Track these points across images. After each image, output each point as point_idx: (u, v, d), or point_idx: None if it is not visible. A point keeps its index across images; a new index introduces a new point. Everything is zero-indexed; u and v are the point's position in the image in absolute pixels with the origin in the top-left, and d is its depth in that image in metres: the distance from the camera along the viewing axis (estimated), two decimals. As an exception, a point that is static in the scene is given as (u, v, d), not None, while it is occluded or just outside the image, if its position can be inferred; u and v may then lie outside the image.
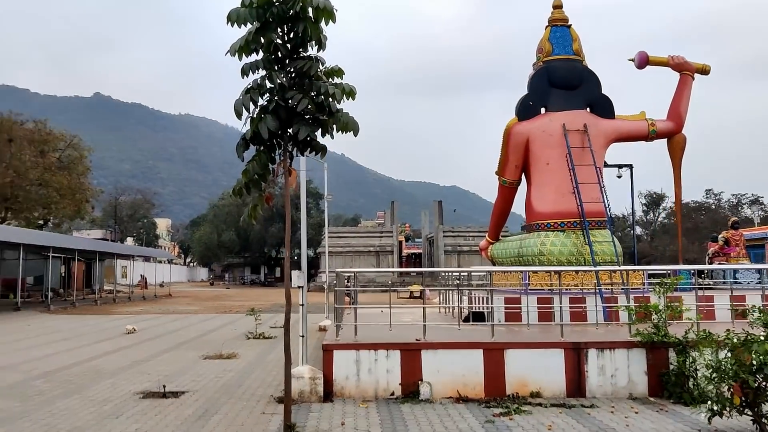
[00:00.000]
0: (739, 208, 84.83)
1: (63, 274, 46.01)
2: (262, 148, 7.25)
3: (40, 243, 34.69)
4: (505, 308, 12.62)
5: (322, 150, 7.35)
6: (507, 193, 15.18)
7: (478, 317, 13.04)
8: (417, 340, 9.85)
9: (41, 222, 47.67)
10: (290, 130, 7.20)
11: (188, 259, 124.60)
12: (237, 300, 45.28)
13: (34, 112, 49.23)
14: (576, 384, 9.66)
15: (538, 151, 14.21)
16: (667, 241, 77.26)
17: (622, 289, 12.96)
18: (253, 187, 7.15)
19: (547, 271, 13.10)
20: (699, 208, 79.09)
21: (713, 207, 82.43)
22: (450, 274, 19.12)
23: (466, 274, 16.24)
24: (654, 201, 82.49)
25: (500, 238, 16.50)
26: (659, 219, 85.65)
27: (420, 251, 75.54)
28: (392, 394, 9.55)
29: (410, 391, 9.52)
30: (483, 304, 13.81)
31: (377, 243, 62.03)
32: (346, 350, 9.68)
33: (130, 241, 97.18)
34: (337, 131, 7.27)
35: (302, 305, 9.74)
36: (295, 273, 9.79)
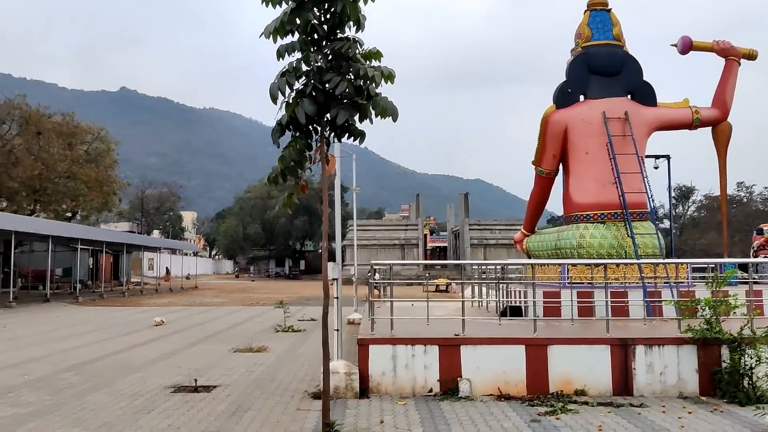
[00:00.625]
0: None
1: (91, 266, 46.32)
2: (298, 133, 6.90)
3: (69, 235, 34.87)
4: (544, 302, 12.20)
5: (360, 135, 6.98)
6: (544, 183, 14.72)
7: (515, 312, 12.64)
8: (456, 335, 9.47)
9: (69, 214, 48.01)
10: (328, 115, 6.85)
11: (214, 252, 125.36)
12: (263, 292, 45.23)
13: (62, 106, 49.48)
14: (623, 382, 9.22)
15: (576, 140, 13.74)
16: (696, 235, 75.97)
17: (666, 283, 12.46)
18: (290, 174, 6.81)
19: (587, 264, 12.66)
20: (730, 201, 77.49)
21: (744, 200, 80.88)
22: (485, 267, 18.73)
23: (499, 267, 15.83)
24: (683, 194, 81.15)
25: (536, 230, 16.03)
26: (688, 212, 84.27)
27: (445, 244, 75.07)
28: (430, 390, 9.20)
29: (449, 388, 9.15)
30: (520, 298, 13.42)
31: (402, 236, 61.68)
32: (382, 345, 9.33)
33: (156, 233, 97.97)
34: (376, 116, 6.90)
35: (337, 298, 9.41)
36: (330, 265, 9.46)
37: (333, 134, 7.04)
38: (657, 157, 16.32)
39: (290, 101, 6.79)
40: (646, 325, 10.33)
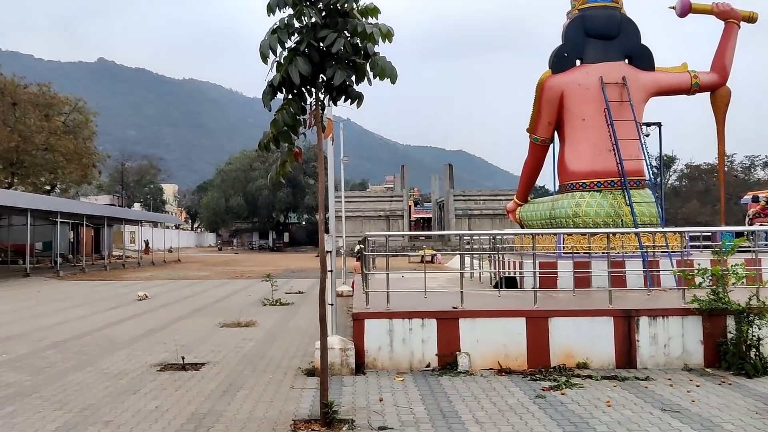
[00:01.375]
0: (752, 170, 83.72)
1: (72, 240, 45.55)
2: (291, 95, 6.42)
3: (48, 208, 34.12)
4: (540, 273, 11.89)
5: (358, 98, 6.51)
6: (538, 151, 14.35)
7: (510, 283, 12.34)
8: (454, 308, 9.14)
9: (48, 187, 47.03)
10: (323, 76, 6.37)
11: (196, 225, 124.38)
12: (247, 265, 44.79)
13: (39, 77, 48.11)
14: (626, 354, 8.95)
15: (573, 106, 13.35)
16: (678, 204, 76.29)
17: (664, 252, 12.20)
18: (283, 139, 6.35)
19: (584, 234, 12.36)
20: (711, 170, 77.93)
21: (725, 169, 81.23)
22: (473, 238, 18.42)
23: (491, 238, 15.54)
24: (665, 163, 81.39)
25: (529, 199, 15.68)
26: (669, 182, 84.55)
27: (429, 215, 74.89)
28: (428, 365, 8.87)
29: (447, 363, 8.84)
30: (514, 268, 13.12)
31: (387, 207, 61.30)
32: (378, 319, 8.97)
33: (137, 206, 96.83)
34: (375, 77, 6.43)
35: (330, 271, 9.00)
36: (325, 237, 9.04)
37: (328, 97, 6.57)
38: (648, 124, 15.98)
39: (282, 61, 6.31)
40: (649, 296, 10.02)
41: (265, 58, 6.18)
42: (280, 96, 6.53)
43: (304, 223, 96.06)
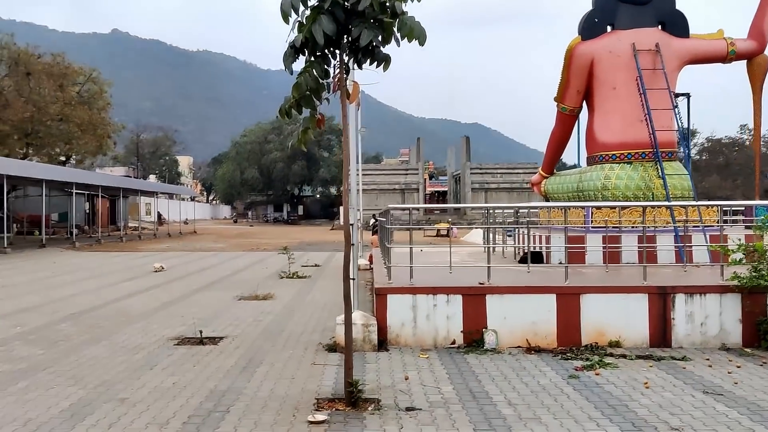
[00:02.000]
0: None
1: (87, 211, 45.57)
2: (314, 57, 6.02)
3: (63, 179, 34.02)
4: (569, 248, 11.50)
5: (385, 61, 6.08)
6: (567, 121, 13.84)
7: (536, 258, 11.95)
8: (481, 283, 8.77)
9: (63, 158, 46.94)
10: (347, 36, 5.95)
11: (211, 197, 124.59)
12: (262, 238, 44.64)
13: (53, 48, 47.65)
14: (661, 333, 8.57)
15: (603, 74, 12.82)
16: (698, 179, 75.18)
17: (696, 227, 11.74)
18: (305, 105, 5.95)
19: (614, 207, 11.92)
20: (732, 144, 76.67)
21: (747, 143, 79.99)
22: (491, 211, 17.99)
23: (512, 211, 15.12)
24: (684, 136, 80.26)
25: (555, 172, 15.20)
26: (690, 155, 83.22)
27: (444, 189, 74.30)
28: (453, 342, 8.55)
29: (473, 340, 8.51)
30: (539, 243, 12.72)
31: (402, 180, 60.83)
32: (401, 294, 8.64)
33: (152, 178, 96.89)
34: (402, 38, 6.00)
35: (353, 245, 8.63)
36: (351, 210, 8.68)
37: (353, 59, 6.15)
38: (677, 95, 15.40)
39: (305, 20, 5.89)
40: (684, 272, 9.60)
41: (286, 17, 5.78)
42: (301, 60, 6.15)
43: (318, 196, 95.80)
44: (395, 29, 5.93)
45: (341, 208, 64.35)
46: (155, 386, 6.67)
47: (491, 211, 17.68)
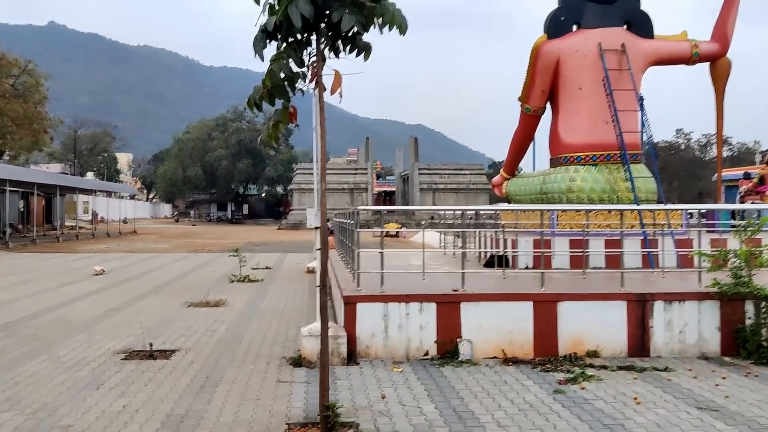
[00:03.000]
0: (708, 148, 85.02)
1: (22, 210, 43.45)
2: (287, 43, 5.42)
3: (-5, 176, 32.22)
4: (538, 253, 11.16)
5: (366, 50, 5.53)
6: (530, 122, 13.51)
7: (500, 262, 11.57)
8: (454, 290, 8.31)
9: (-5, 154, 44.73)
10: (325, 20, 5.38)
11: (151, 195, 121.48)
12: (207, 238, 43.46)
13: (-15, 39, 45.44)
14: (639, 342, 8.26)
15: (569, 73, 12.54)
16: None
17: (661, 231, 11.55)
18: (278, 95, 5.34)
19: (579, 211, 11.64)
20: (669, 147, 78.71)
21: (683, 147, 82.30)
22: (441, 213, 17.60)
23: (470, 213, 14.75)
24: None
25: (517, 173, 14.89)
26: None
27: (392, 189, 74.07)
28: (426, 354, 8.05)
29: (447, 351, 8.03)
30: (503, 247, 12.34)
31: (351, 180, 60.25)
32: (372, 303, 8.09)
33: (90, 175, 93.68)
34: (384, 25, 5.46)
35: (319, 249, 8.04)
36: (311, 211, 8.12)
37: (330, 46, 5.58)
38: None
39: (277, 2, 5.30)
40: (656, 278, 9.33)
41: (257, -3, 5.21)
42: (272, 48, 5.55)
43: (263, 195, 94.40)
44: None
45: (293, 208, 63.18)
46: (103, 410, 5.95)
47: (451, 212, 17.25)
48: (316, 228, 7.97)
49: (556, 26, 12.73)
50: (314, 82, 5.34)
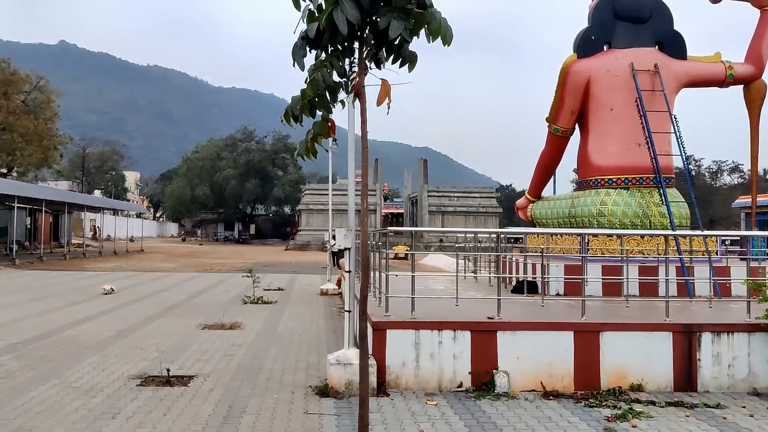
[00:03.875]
0: (719, 175, 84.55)
1: (29, 226, 43.16)
2: (329, 51, 5.04)
3: (4, 192, 31.91)
4: (567, 279, 10.72)
5: (412, 60, 5.14)
6: (558, 143, 13.10)
7: (531, 288, 11.12)
8: (489, 318, 7.85)
9: (5, 170, 44.52)
10: (369, 27, 5.01)
11: (158, 214, 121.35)
12: (215, 257, 43.05)
13: (-3, 58, 45.41)
14: (685, 375, 7.78)
15: (600, 94, 12.16)
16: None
17: (698, 258, 11.10)
18: (320, 106, 4.96)
19: (611, 236, 11.20)
20: (679, 175, 78.16)
21: (693, 173, 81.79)
22: (446, 235, 17.17)
23: (491, 236, 14.33)
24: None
25: (542, 196, 14.45)
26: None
27: (399, 211, 73.60)
28: (460, 385, 7.58)
29: (482, 382, 7.56)
30: (529, 272, 11.90)
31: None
32: (403, 330, 7.64)
33: (98, 193, 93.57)
34: (430, 34, 5.08)
35: (348, 272, 7.62)
36: (341, 231, 7.70)
37: (373, 55, 5.20)
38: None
39: (315, 8, 4.94)
40: (710, 309, 8.82)
41: (298, 2, 4.84)
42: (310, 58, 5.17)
43: (271, 215, 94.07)
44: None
45: (301, 228, 62.61)
46: (121, 443, 5.50)
47: (463, 236, 16.83)
48: (346, 249, 7.56)
49: (586, 45, 12.38)
50: (355, 93, 4.95)
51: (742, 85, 12.74)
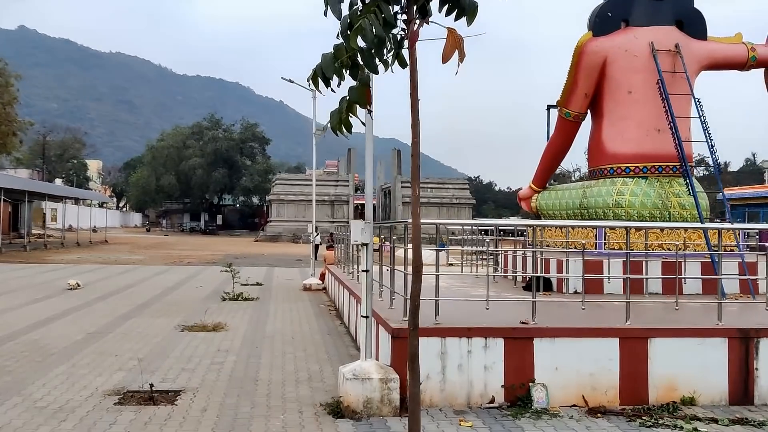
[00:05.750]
0: (700, 166, 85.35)
1: (-15, 216, 41.09)
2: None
3: (-41, 179, 30.10)
4: (586, 275, 9.80)
5: (472, 12, 4.08)
6: (569, 129, 12.17)
7: (545, 285, 10.21)
8: (524, 323, 6.88)
9: (-41, 157, 42.35)
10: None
11: (121, 204, 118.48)
12: (182, 249, 41.58)
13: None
14: (741, 387, 6.91)
15: (618, 75, 11.26)
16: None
17: (731, 252, 10.25)
18: (366, 62, 3.88)
19: (630, 229, 10.30)
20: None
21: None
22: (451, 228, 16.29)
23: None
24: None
25: (548, 186, 13.52)
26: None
27: (373, 202, 72.51)
28: (491, 401, 6.60)
29: (517, 397, 6.59)
30: (540, 268, 10.97)
31: (332, 192, 58.71)
32: (426, 337, 6.60)
33: (59, 182, 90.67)
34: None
35: (366, 271, 6.56)
36: (358, 224, 6.63)
37: (420, 8, 4.15)
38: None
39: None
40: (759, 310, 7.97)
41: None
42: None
43: (238, 206, 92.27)
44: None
45: (271, 219, 60.95)
46: (103, 488, 4.39)
47: (459, 228, 15.91)
48: (364, 245, 6.50)
49: (602, 22, 11.47)
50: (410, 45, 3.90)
51: (764, 69, 11.96)
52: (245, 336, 10.28)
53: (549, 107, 17.04)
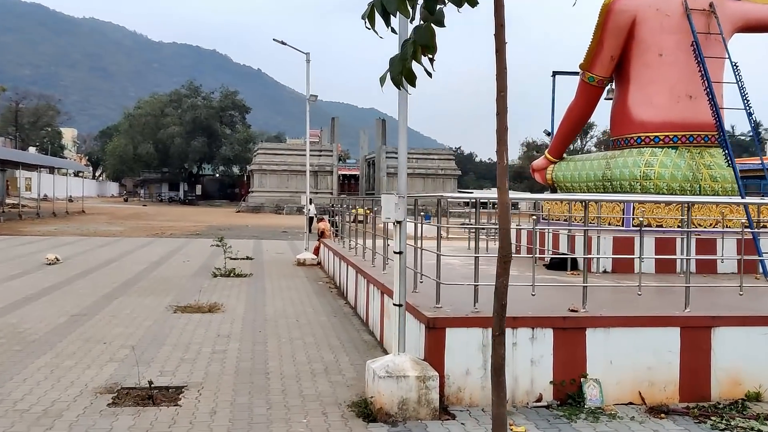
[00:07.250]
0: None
1: (-44, 185, 39.58)
2: None
3: (-73, 146, 28.67)
4: (614, 254, 9.09)
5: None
6: (592, 93, 11.30)
7: (563, 264, 9.48)
8: (572, 311, 6.10)
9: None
10: None
11: (98, 173, 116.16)
12: (163, 220, 40.41)
13: None
14: (811, 381, 6.20)
15: (648, 36, 10.40)
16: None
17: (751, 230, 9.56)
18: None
19: (661, 203, 9.57)
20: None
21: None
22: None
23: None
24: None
25: (565, 156, 12.69)
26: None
27: (354, 172, 71.55)
28: (539, 398, 5.84)
29: (567, 395, 5.84)
30: (566, 246, 10.23)
31: (316, 162, 57.48)
32: (466, 328, 5.81)
33: (33, 150, 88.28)
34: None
35: (400, 252, 5.70)
36: (390, 198, 5.75)
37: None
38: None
39: None
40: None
41: None
42: None
43: (218, 175, 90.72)
44: None
45: (253, 189, 59.54)
46: None
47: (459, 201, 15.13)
48: (398, 223, 5.63)
49: (631, -21, 10.56)
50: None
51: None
52: (245, 318, 9.42)
53: (554, 73, 16.21)
